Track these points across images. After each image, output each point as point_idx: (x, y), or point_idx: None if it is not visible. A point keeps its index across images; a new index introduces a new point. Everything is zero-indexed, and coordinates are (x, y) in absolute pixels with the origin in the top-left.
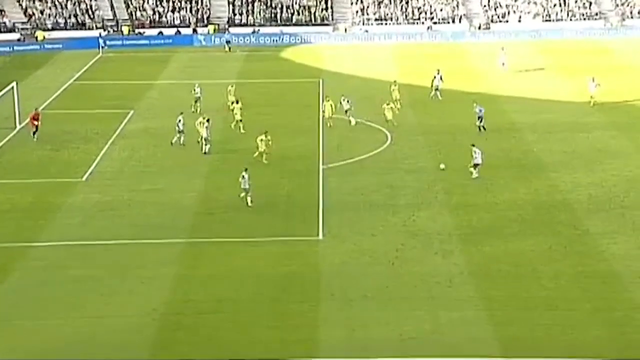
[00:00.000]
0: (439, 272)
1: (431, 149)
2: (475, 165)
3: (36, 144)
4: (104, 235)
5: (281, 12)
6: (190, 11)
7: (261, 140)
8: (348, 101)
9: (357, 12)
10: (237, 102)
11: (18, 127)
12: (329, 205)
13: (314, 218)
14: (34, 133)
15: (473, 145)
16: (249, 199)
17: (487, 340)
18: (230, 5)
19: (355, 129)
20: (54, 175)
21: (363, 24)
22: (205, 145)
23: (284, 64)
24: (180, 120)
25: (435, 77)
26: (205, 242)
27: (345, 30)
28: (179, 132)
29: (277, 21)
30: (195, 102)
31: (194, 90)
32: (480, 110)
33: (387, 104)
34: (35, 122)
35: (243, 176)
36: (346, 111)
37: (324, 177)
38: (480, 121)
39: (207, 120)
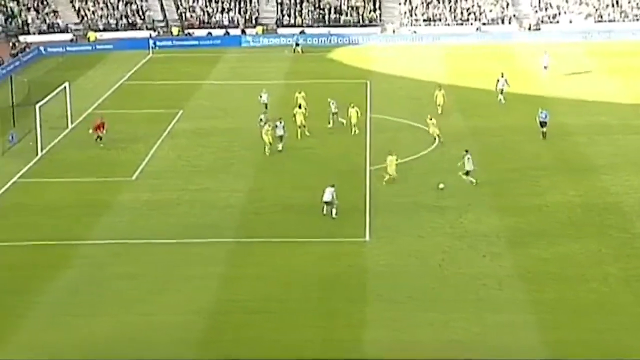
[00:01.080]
0: (486, 274)
1: (479, 151)
2: (467, 172)
3: (88, 144)
4: (152, 233)
5: (329, 13)
6: (239, 12)
7: (391, 162)
8: (334, 104)
9: (405, 13)
10: (300, 107)
11: (70, 126)
12: (376, 207)
13: (360, 219)
14: (98, 138)
15: (466, 152)
16: (333, 211)
17: (534, 343)
18: (279, 6)
19: (403, 129)
20: (104, 174)
21: (411, 24)
22: (280, 142)
23: (332, 65)
24: (261, 120)
25: (499, 81)
26: (252, 242)
27: (394, 31)
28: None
29: (325, 22)
30: (266, 107)
31: (261, 97)
32: (545, 116)
33: (430, 119)
34: (100, 131)
35: (330, 192)
36: (334, 114)
37: (371, 179)
38: (543, 126)
39: (280, 120)
